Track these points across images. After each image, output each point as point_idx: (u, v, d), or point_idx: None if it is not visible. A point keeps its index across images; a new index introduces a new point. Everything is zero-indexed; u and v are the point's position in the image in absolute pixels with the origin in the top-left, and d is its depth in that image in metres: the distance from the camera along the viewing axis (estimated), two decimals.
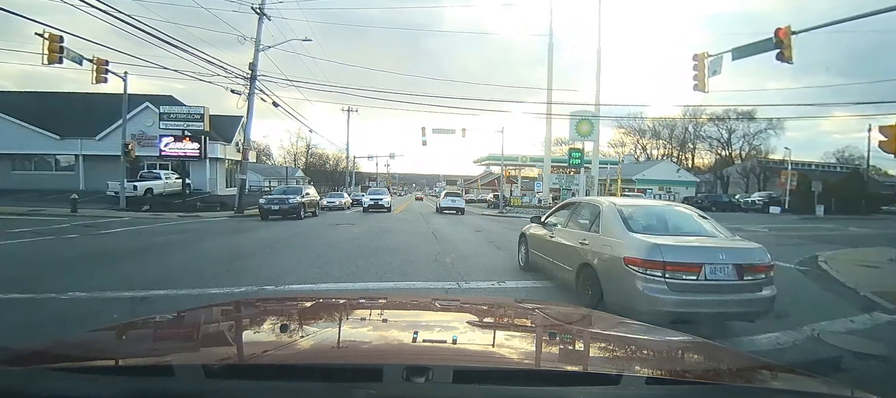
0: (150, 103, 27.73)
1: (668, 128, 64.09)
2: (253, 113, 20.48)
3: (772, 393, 1.14)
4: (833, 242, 13.64)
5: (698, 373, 1.26)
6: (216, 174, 31.42)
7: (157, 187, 24.80)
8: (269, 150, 72.59)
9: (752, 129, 58.62)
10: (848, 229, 19.95)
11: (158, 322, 1.66)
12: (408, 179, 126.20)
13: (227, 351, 1.37)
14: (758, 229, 18.45)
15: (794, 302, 6.00)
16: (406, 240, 11.71)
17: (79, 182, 28.26)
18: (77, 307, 4.80)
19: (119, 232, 12.57)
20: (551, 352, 1.41)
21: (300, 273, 6.97)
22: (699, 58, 13.54)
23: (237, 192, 21.21)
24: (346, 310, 1.91)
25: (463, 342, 1.38)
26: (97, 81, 16.38)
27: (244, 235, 12.34)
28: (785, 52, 11.91)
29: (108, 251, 9.12)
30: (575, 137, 28.33)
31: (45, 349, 1.22)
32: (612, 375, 1.04)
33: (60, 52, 13.84)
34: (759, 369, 1.30)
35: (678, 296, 4.11)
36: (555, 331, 1.61)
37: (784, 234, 16.44)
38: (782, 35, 12.00)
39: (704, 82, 13.46)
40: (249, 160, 33.43)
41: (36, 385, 0.94)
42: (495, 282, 6.85)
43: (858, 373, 3.48)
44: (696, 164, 64.64)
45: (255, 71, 19.59)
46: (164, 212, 19.34)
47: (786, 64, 12.09)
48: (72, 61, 15.12)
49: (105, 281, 5.95)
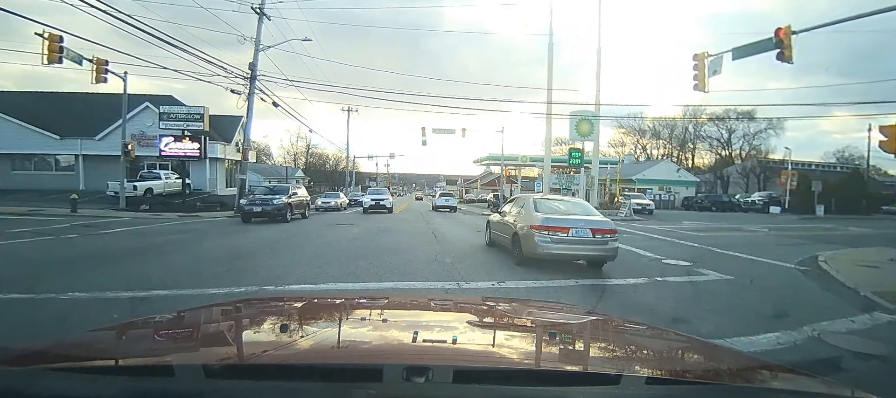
0: (149, 103, 27.72)
1: (668, 128, 64.07)
2: (253, 113, 20.55)
3: (772, 393, 1.14)
4: (833, 242, 13.65)
5: (698, 373, 1.27)
6: (216, 174, 31.41)
7: (157, 187, 24.80)
8: (269, 150, 72.52)
9: (753, 128, 58.63)
10: (848, 229, 19.96)
11: (158, 322, 1.66)
12: (408, 179, 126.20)
13: (227, 351, 1.37)
14: (757, 229, 18.47)
15: (795, 302, 6.03)
16: (406, 241, 11.71)
17: (79, 182, 28.26)
18: (76, 307, 4.79)
19: (118, 232, 12.57)
20: (551, 352, 1.41)
21: (299, 274, 6.97)
22: (699, 57, 13.54)
23: (237, 193, 21.21)
24: (346, 310, 1.91)
25: (463, 342, 1.38)
26: (97, 81, 16.39)
27: (243, 236, 12.34)
28: (785, 51, 11.91)
29: (107, 251, 9.12)
30: (575, 137, 28.30)
31: (45, 349, 1.22)
32: (612, 375, 1.04)
33: (60, 52, 13.84)
34: (759, 369, 1.30)
35: (556, 245, 7.47)
36: (555, 331, 1.62)
37: (784, 234, 16.45)
38: (782, 35, 12.00)
39: (704, 82, 13.46)
40: (249, 160, 33.46)
41: (36, 385, 0.94)
42: (495, 281, 6.85)
43: (858, 373, 3.51)
44: (696, 164, 64.62)
45: (254, 71, 19.60)
46: (163, 212, 19.34)
47: (786, 64, 12.09)
48: (72, 61, 15.13)
49: (105, 281, 5.95)
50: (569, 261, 7.84)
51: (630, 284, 6.66)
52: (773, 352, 3.88)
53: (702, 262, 8.90)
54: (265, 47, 19.92)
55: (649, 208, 29.63)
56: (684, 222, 21.80)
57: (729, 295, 6.30)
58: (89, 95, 26.88)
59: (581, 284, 6.59)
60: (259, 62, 19.80)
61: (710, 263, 8.84)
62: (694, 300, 5.93)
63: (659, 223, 21.15)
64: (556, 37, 39.00)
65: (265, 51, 19.97)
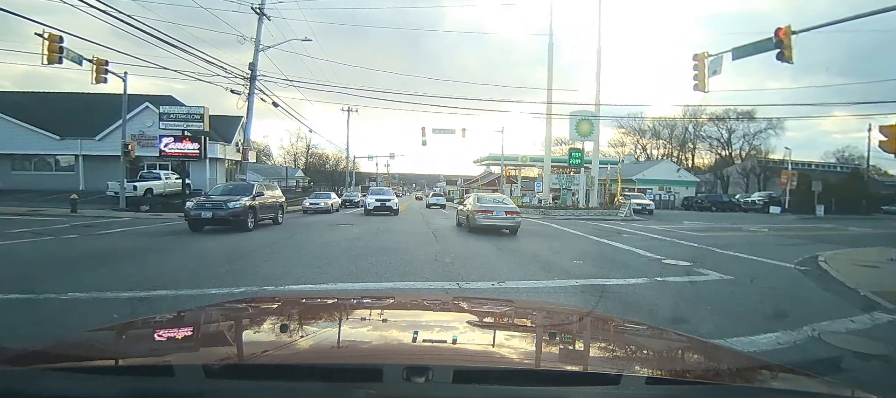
0: (149, 103, 27.74)
1: (668, 128, 64.11)
2: (253, 113, 20.52)
3: (772, 393, 1.14)
4: (833, 242, 13.64)
5: (698, 373, 1.27)
6: (216, 174, 31.42)
7: (157, 187, 24.79)
8: (269, 151, 72.51)
9: (752, 128, 58.63)
10: (848, 229, 19.95)
11: (158, 322, 1.66)
12: (408, 179, 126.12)
13: (227, 351, 1.38)
14: (757, 229, 18.47)
15: (795, 302, 6.02)
16: (406, 240, 11.73)
17: (79, 182, 28.30)
18: (76, 307, 4.79)
19: (117, 233, 12.57)
20: (551, 352, 1.41)
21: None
22: (699, 58, 13.55)
23: None
24: (346, 310, 1.91)
25: (463, 342, 1.38)
26: (97, 81, 16.39)
27: (245, 234, 12.31)
28: (785, 51, 11.92)
29: (106, 252, 9.12)
30: (575, 137, 28.26)
31: (45, 349, 1.22)
32: (612, 375, 1.05)
33: (60, 53, 13.83)
34: (759, 369, 1.30)
35: (482, 219, 13.78)
36: (555, 331, 1.61)
37: (784, 234, 16.44)
38: (782, 35, 12.00)
39: (705, 82, 13.46)
40: (249, 160, 33.40)
41: (36, 385, 0.94)
42: (496, 282, 6.85)
43: (858, 372, 3.50)
44: (696, 164, 64.62)
45: (254, 71, 19.60)
46: (163, 212, 19.35)
47: (786, 63, 12.10)
48: (72, 61, 15.13)
49: (104, 281, 5.94)
50: (495, 230, 13.74)
51: (630, 285, 6.64)
52: (773, 352, 3.87)
53: (702, 262, 8.89)
54: (265, 47, 19.93)
55: (649, 208, 29.63)
56: (684, 222, 21.80)
57: (729, 295, 6.28)
58: (89, 95, 26.89)
59: (581, 284, 6.58)
60: (259, 62, 19.79)
61: (710, 263, 8.83)
62: (694, 300, 5.92)
63: (659, 223, 21.15)
64: (556, 37, 39.01)
65: (265, 51, 19.98)
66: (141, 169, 26.65)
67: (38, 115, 28.46)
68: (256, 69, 19.73)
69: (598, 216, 24.49)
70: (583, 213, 26.45)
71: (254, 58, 19.71)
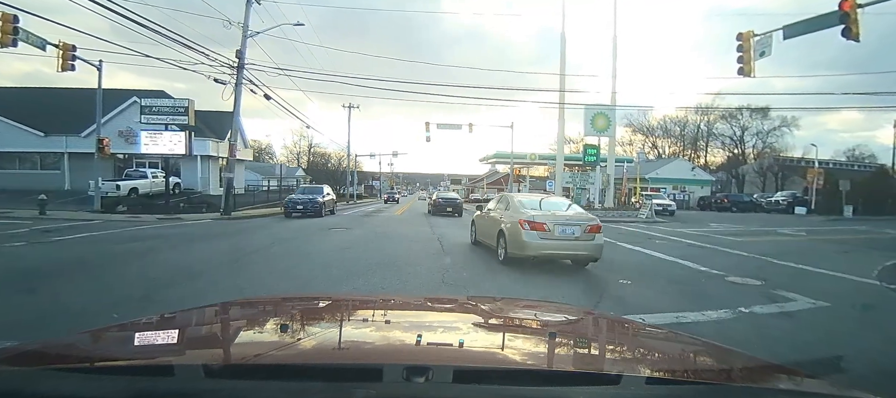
0: (137, 98, 26.22)
1: (679, 125, 62.22)
2: (240, 104, 18.83)
3: (772, 393, 1.12)
4: (886, 248, 12.00)
5: (698, 373, 1.26)
6: (209, 173, 29.93)
7: (143, 187, 23.26)
8: (271, 149, 71.50)
9: (766, 126, 56.70)
10: (885, 231, 18.08)
11: (158, 322, 1.64)
12: (412, 178, 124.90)
13: (227, 351, 1.34)
14: (793, 233, 16.73)
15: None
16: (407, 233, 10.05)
17: (64, 181, 27.15)
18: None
19: (74, 239, 10.88)
20: (551, 352, 1.35)
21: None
22: (744, 37, 11.78)
23: (223, 193, 19.50)
24: (347, 310, 1.90)
25: (463, 342, 1.39)
26: (63, 69, 14.74)
27: (216, 242, 10.72)
28: (852, 27, 10.13)
29: (34, 269, 7.48)
30: (590, 132, 26.28)
31: (44, 349, 1.22)
32: (612, 375, 1.05)
33: (14, 34, 12.15)
34: (759, 369, 1.29)
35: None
36: (555, 331, 1.58)
37: (827, 240, 14.61)
38: (847, 7, 10.23)
39: (751, 65, 11.71)
40: (242, 157, 31.81)
41: (35, 385, 0.94)
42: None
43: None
44: (708, 162, 62.67)
45: (242, 58, 17.91)
46: (142, 213, 17.70)
47: (852, 41, 10.30)
48: (33, 46, 13.46)
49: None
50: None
51: (713, 321, 4.77)
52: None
53: (772, 280, 7.13)
54: (253, 33, 18.23)
55: (671, 209, 27.76)
56: (711, 225, 19.97)
57: (849, 334, 4.61)
58: (76, 91, 25.82)
59: (653, 322, 4.87)
60: (247, 49, 18.09)
61: (783, 282, 7.07)
62: (806, 345, 4.20)
63: (685, 226, 19.31)
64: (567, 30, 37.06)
65: (254, 37, 18.29)
66: (129, 167, 25.33)
67: (22, 111, 27.27)
68: (244, 57, 18.06)
69: (617, 218, 22.42)
70: (600, 215, 24.48)
71: (241, 44, 18.02)
